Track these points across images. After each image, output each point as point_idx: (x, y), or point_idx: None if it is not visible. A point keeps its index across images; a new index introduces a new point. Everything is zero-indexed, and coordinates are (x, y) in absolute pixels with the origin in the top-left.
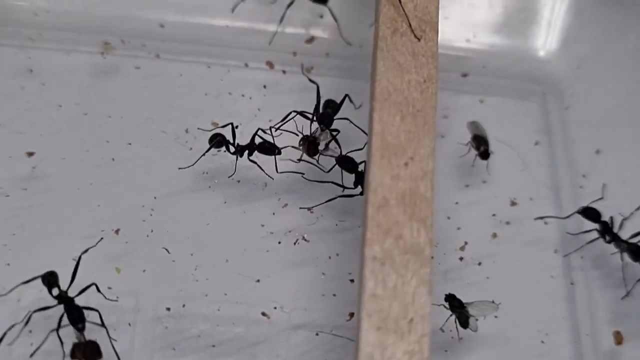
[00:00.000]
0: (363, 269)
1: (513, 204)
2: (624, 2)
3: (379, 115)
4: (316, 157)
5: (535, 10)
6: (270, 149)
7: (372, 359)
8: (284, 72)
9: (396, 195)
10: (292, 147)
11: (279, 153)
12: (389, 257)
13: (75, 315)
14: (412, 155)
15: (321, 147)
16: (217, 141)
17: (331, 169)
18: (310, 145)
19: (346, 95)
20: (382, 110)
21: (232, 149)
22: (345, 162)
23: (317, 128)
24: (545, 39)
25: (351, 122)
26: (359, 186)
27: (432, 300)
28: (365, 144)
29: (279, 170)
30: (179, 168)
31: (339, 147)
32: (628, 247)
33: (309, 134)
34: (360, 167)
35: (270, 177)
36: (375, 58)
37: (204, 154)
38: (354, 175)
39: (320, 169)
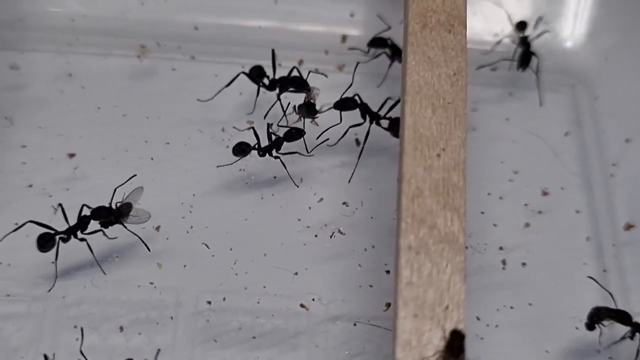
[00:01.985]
0: (398, 258)
1: (545, 193)
2: None
3: (411, 108)
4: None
5: (562, 3)
6: (296, 134)
7: (410, 346)
8: (316, 70)
9: (430, 186)
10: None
11: (304, 133)
12: (424, 246)
13: None
14: (444, 147)
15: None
16: (240, 150)
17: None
18: (307, 107)
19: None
20: (414, 103)
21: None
22: (345, 103)
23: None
24: (573, 31)
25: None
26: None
27: (466, 288)
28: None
29: (309, 151)
30: (217, 166)
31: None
32: None
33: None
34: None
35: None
36: (405, 53)
37: (236, 161)
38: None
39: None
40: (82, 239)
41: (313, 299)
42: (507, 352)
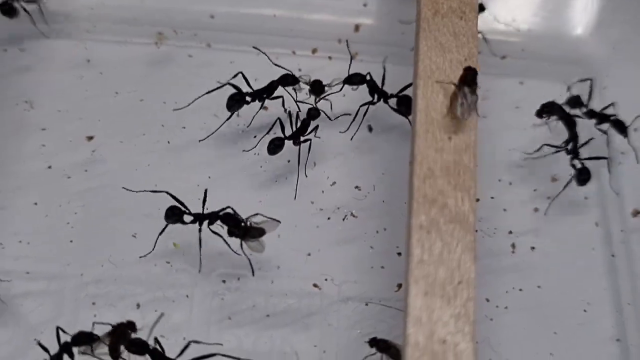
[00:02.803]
0: (410, 237)
1: (554, 180)
2: None
3: (423, 92)
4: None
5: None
6: (315, 110)
7: (420, 323)
8: (329, 58)
9: (441, 167)
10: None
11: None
12: (435, 225)
13: None
14: (455, 129)
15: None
16: (276, 146)
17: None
18: (315, 85)
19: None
20: (426, 87)
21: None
22: (353, 78)
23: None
24: (582, 21)
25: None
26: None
27: (476, 267)
28: None
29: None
30: (244, 150)
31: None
32: None
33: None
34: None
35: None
36: (417, 38)
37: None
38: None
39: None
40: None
41: (326, 280)
42: (516, 333)
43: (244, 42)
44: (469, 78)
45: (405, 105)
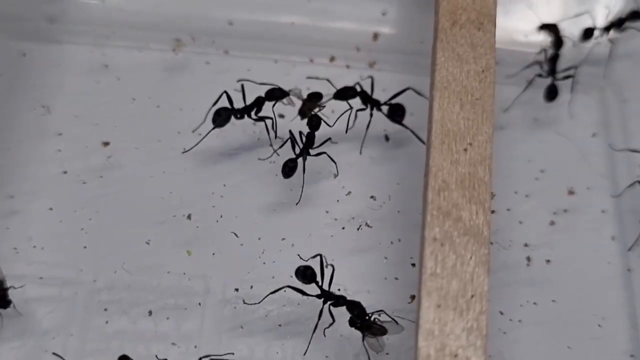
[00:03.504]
0: (423, 250)
1: (570, 193)
2: None
3: (439, 104)
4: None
5: (592, 4)
6: (316, 118)
7: (432, 335)
8: (347, 67)
9: (456, 179)
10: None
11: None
12: (449, 238)
13: None
14: (471, 142)
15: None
16: (291, 169)
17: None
18: (308, 100)
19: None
20: (442, 98)
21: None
22: (344, 93)
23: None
24: (603, 33)
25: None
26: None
27: (489, 280)
28: None
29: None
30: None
31: None
32: None
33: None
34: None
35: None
36: (435, 49)
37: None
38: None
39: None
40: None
41: (339, 290)
42: (529, 347)
43: (262, 50)
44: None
45: (395, 113)
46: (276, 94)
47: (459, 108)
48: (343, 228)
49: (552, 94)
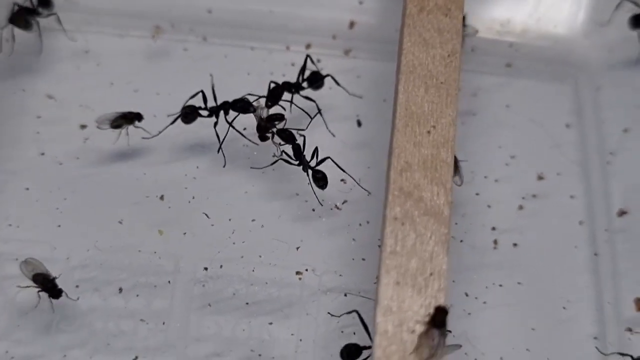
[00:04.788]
0: (384, 228)
1: (540, 178)
2: None
3: (404, 87)
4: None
5: None
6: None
7: (390, 312)
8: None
9: (418, 161)
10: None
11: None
12: (409, 217)
13: None
14: (435, 124)
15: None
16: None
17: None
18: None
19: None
20: (407, 82)
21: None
22: (274, 96)
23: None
24: (578, 23)
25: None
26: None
27: (449, 259)
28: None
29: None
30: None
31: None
32: None
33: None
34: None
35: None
36: (402, 34)
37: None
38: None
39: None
40: None
41: (307, 270)
42: (493, 328)
43: (239, 37)
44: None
45: (314, 83)
46: (240, 106)
47: (424, 92)
48: (313, 210)
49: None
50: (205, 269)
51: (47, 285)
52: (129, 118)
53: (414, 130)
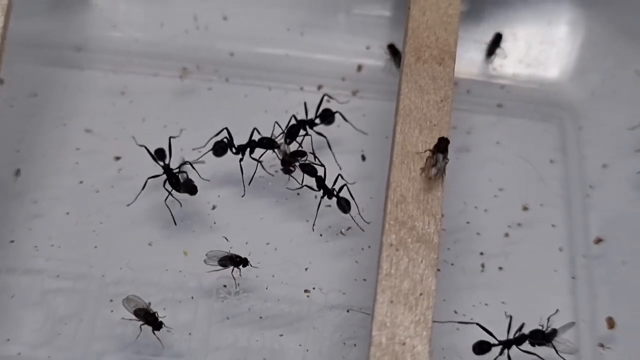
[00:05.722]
0: (381, 253)
1: (525, 209)
2: (635, 36)
3: (401, 128)
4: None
5: (554, 43)
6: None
7: (385, 326)
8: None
9: (412, 194)
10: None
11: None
12: (403, 244)
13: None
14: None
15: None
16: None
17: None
18: (293, 155)
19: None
20: (404, 124)
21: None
22: (292, 133)
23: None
24: (564, 68)
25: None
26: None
27: (437, 281)
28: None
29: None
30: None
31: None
32: None
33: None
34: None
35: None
36: (400, 81)
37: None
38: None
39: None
40: None
41: (314, 288)
42: None
43: (258, 78)
44: (442, 146)
45: (326, 119)
46: (266, 142)
47: (419, 132)
48: (321, 235)
49: None
50: (225, 286)
51: (149, 319)
52: (236, 261)
53: (409, 167)
